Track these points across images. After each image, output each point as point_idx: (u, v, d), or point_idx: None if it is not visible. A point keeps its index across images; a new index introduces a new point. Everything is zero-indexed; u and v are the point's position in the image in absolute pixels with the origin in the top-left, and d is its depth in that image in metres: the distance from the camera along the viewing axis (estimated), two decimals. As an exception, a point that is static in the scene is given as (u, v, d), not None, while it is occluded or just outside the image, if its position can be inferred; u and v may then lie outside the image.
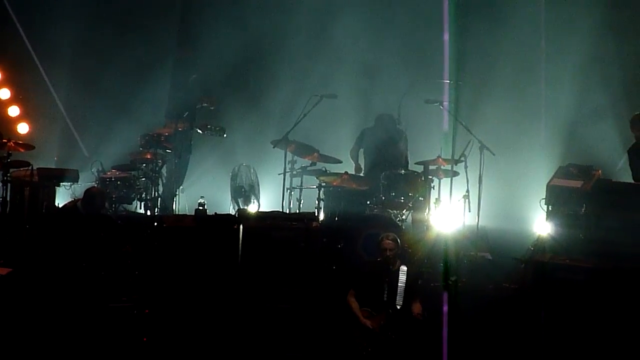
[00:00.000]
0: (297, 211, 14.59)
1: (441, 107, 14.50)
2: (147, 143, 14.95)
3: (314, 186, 14.44)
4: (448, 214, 13.93)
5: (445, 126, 14.40)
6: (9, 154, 14.13)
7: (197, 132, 15.62)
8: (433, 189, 14.12)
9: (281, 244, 12.79)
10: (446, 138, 14.32)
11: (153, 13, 17.75)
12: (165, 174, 15.38)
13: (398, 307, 10.80)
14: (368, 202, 14.20)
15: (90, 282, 11.92)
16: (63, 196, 14.87)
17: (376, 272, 11.03)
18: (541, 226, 13.04)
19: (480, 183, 13.96)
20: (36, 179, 14.24)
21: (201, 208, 14.37)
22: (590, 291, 11.52)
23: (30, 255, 12.77)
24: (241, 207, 15.37)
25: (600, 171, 13.25)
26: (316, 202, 14.26)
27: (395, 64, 17.14)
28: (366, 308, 10.87)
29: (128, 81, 17.40)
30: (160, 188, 15.07)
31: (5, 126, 16.91)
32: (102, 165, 15.02)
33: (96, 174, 14.88)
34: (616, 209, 12.49)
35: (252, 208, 15.46)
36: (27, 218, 13.97)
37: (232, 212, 14.99)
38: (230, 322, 11.54)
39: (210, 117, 15.79)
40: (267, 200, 16.25)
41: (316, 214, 13.89)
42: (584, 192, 12.80)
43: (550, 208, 12.95)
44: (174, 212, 15.33)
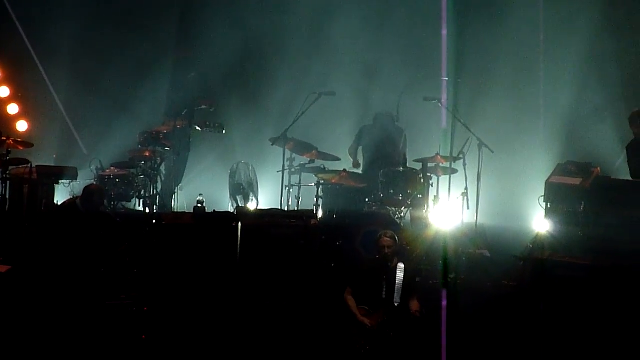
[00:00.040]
0: (296, 209, 14.60)
1: (440, 105, 14.49)
2: (146, 141, 14.96)
3: (313, 184, 14.46)
4: (447, 212, 13.90)
5: (443, 124, 14.40)
6: (8, 152, 14.15)
7: (196, 130, 15.61)
8: (432, 187, 14.15)
9: (280, 242, 12.80)
10: (445, 135, 14.32)
11: (152, 12, 17.76)
12: (164, 172, 15.36)
13: (396, 305, 10.78)
14: (367, 200, 14.22)
15: (89, 280, 11.92)
16: (62, 194, 14.88)
17: (374, 270, 11.00)
18: (540, 223, 13.03)
19: (478, 180, 13.94)
20: (35, 177, 14.26)
21: (200, 206, 14.43)
22: (588, 288, 11.52)
23: (29, 252, 12.75)
24: (240, 205, 15.40)
25: (599, 168, 13.26)
26: (315, 200, 14.28)
27: (393, 62, 17.15)
28: (363, 306, 10.82)
29: (127, 79, 17.44)
30: (159, 186, 15.08)
31: (4, 124, 16.91)
32: (101, 162, 15.04)
33: (95, 172, 14.91)
34: (615, 207, 12.51)
35: (251, 205, 15.47)
36: (26, 215, 13.98)
37: (231, 210, 15.00)
38: (229, 320, 11.52)
39: (209, 115, 15.79)
40: (266, 197, 16.25)
41: (315, 212, 13.92)
42: (583, 190, 12.82)
43: (549, 205, 12.97)
44: (173, 210, 15.34)
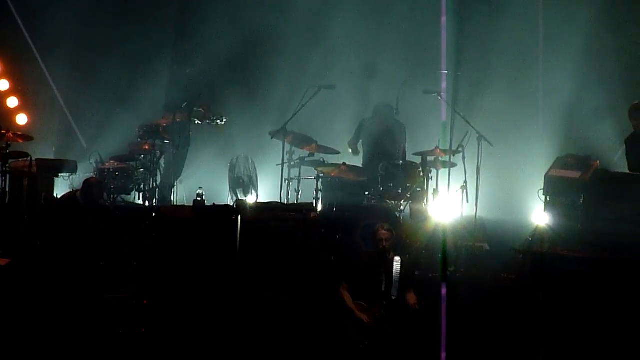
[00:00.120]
0: (296, 202, 14.58)
1: (439, 98, 14.47)
2: (146, 134, 14.94)
3: (312, 177, 14.43)
4: (446, 205, 13.88)
5: (443, 117, 14.40)
6: (8, 145, 14.12)
7: (196, 124, 15.61)
8: (431, 180, 14.12)
9: (279, 235, 12.83)
10: (444, 129, 14.31)
11: (152, 5, 17.73)
12: (163, 165, 15.37)
13: (393, 298, 10.74)
14: (366, 193, 14.20)
15: (88, 273, 11.93)
16: (62, 187, 14.87)
17: (372, 264, 10.96)
18: (539, 217, 13.04)
19: (478, 174, 13.90)
20: (35, 170, 14.24)
21: (199, 199, 14.40)
22: (588, 281, 11.54)
23: (29, 245, 12.77)
24: (239, 198, 15.38)
25: (598, 162, 13.27)
26: (314, 193, 14.23)
27: (393, 55, 17.13)
28: (359, 301, 10.76)
29: (126, 73, 17.43)
30: (158, 179, 15.06)
31: (4, 117, 16.90)
32: (101, 156, 15.02)
33: (94, 165, 14.90)
34: (614, 200, 12.52)
35: (251, 199, 15.46)
36: (26, 209, 13.96)
37: (231, 203, 14.99)
38: (228, 313, 11.53)
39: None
40: (266, 191, 16.25)
41: (314, 205, 13.90)
42: (582, 183, 12.84)
43: (548, 198, 12.99)
44: (172, 203, 15.34)
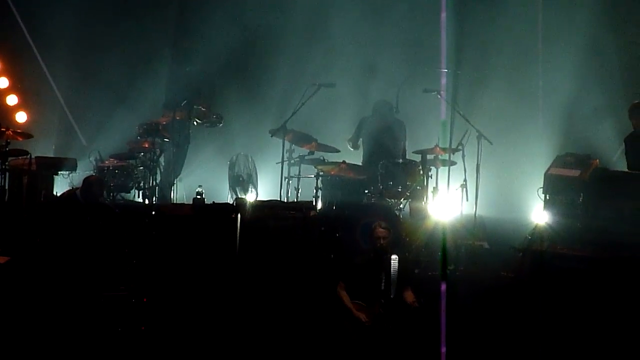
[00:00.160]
0: (295, 200, 14.57)
1: (439, 97, 14.45)
2: (145, 132, 14.95)
3: (312, 175, 14.43)
4: (446, 203, 13.88)
5: (443, 115, 14.39)
6: (8, 143, 14.14)
7: (195, 124, 15.64)
8: (431, 178, 14.12)
9: (279, 233, 12.83)
10: (444, 127, 14.30)
11: (151, 4, 17.74)
12: (163, 163, 15.38)
13: (391, 297, 10.64)
14: (366, 191, 14.19)
15: (88, 271, 11.93)
16: (61, 185, 14.87)
17: (370, 262, 10.89)
18: (539, 215, 13.05)
19: (477, 172, 13.88)
20: (34, 168, 14.26)
21: (199, 197, 14.40)
22: (587, 280, 11.55)
23: (28, 243, 12.78)
24: (239, 196, 15.39)
25: (597, 160, 13.28)
26: (314, 191, 14.22)
27: (393, 54, 17.14)
28: (357, 301, 10.69)
29: (126, 71, 17.42)
30: (158, 177, 15.08)
31: (3, 115, 16.87)
32: (100, 154, 15.03)
33: (94, 163, 14.90)
34: (613, 198, 12.54)
35: (250, 197, 15.46)
36: (26, 206, 13.98)
37: (230, 201, 14.99)
38: (228, 312, 11.53)
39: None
40: (265, 189, 16.25)
41: (314, 203, 13.90)
42: (582, 181, 12.85)
43: (547, 197, 13.00)
44: (172, 201, 15.36)
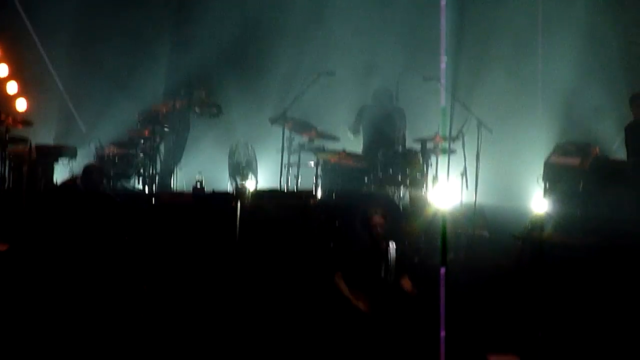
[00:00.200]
0: (295, 188, 14.58)
1: (439, 85, 14.43)
2: (145, 120, 14.95)
3: (312, 163, 14.44)
4: (445, 192, 13.88)
5: (442, 104, 14.39)
6: (7, 131, 14.13)
7: (195, 111, 15.64)
8: (431, 167, 14.12)
9: (279, 221, 12.81)
10: (444, 116, 14.29)
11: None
12: (163, 151, 15.40)
13: (389, 284, 10.65)
14: (366, 180, 14.21)
15: (88, 259, 11.94)
16: (61, 173, 14.88)
17: (367, 251, 10.84)
18: (539, 204, 13.04)
19: (477, 160, 13.88)
20: (34, 156, 14.27)
21: (199, 185, 14.40)
22: (587, 268, 11.56)
23: (28, 231, 12.78)
24: (239, 184, 15.39)
25: (597, 148, 13.31)
26: (314, 179, 14.25)
27: (393, 42, 17.13)
28: (355, 289, 10.62)
29: (126, 58, 17.39)
30: (158, 165, 15.08)
31: (3, 103, 16.84)
32: (100, 142, 15.02)
33: (94, 151, 14.89)
34: (613, 187, 12.56)
35: (250, 185, 15.46)
36: (26, 194, 13.99)
37: (230, 190, 15.01)
38: (228, 299, 11.54)
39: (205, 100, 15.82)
40: (265, 177, 16.23)
41: (314, 191, 13.92)
42: (582, 170, 12.89)
43: (547, 185, 13.03)
44: (172, 189, 15.37)
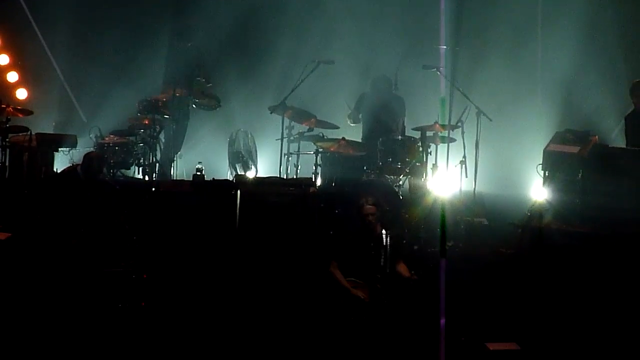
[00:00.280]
0: (295, 177, 14.58)
1: (438, 73, 14.45)
2: (145, 109, 14.96)
3: (312, 152, 14.43)
4: (445, 180, 13.88)
5: (442, 92, 14.39)
6: (8, 119, 14.14)
7: (195, 103, 15.67)
8: (430, 155, 14.11)
9: (278, 210, 12.82)
10: (443, 104, 14.30)
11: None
12: (163, 140, 15.41)
13: (386, 271, 10.49)
14: (365, 168, 14.19)
15: (88, 247, 11.96)
16: (62, 161, 14.90)
17: (361, 239, 10.75)
18: (538, 191, 13.06)
19: (477, 149, 13.89)
20: (35, 145, 14.28)
21: (199, 174, 14.40)
22: (586, 256, 11.58)
23: (29, 220, 12.80)
24: (239, 173, 15.41)
25: (597, 137, 13.29)
26: (313, 168, 14.22)
27: (392, 30, 17.12)
28: (350, 278, 10.55)
29: (126, 47, 17.41)
30: (158, 154, 15.10)
31: (4, 92, 16.85)
32: (100, 130, 15.04)
33: (94, 140, 14.91)
34: (613, 175, 12.55)
35: (250, 174, 15.48)
36: (26, 183, 14.01)
37: (230, 178, 15.01)
38: (227, 287, 11.56)
39: (205, 88, 15.81)
40: (265, 165, 16.26)
41: (313, 180, 13.90)
42: (581, 158, 12.87)
43: (547, 173, 13.03)
44: (172, 178, 15.38)
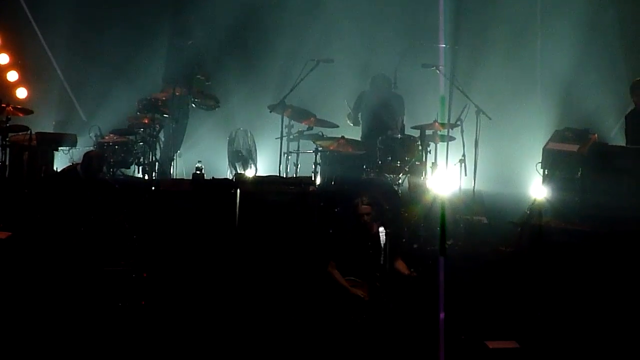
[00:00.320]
0: (294, 175, 14.58)
1: (438, 72, 14.45)
2: (145, 108, 14.96)
3: (311, 151, 14.43)
4: (444, 178, 13.89)
5: (441, 91, 14.40)
6: (8, 119, 14.15)
7: (194, 102, 15.68)
8: (429, 153, 14.10)
9: (278, 208, 12.83)
10: (442, 102, 14.30)
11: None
12: (162, 139, 15.41)
13: (385, 269, 10.41)
14: (365, 167, 14.19)
15: (88, 246, 11.98)
16: (61, 161, 14.91)
17: (358, 239, 10.67)
18: (537, 190, 13.07)
19: (476, 147, 13.90)
20: (35, 144, 14.29)
21: (199, 172, 14.40)
22: (585, 254, 11.59)
23: (29, 219, 12.81)
24: (238, 172, 15.42)
25: (596, 135, 13.31)
26: (313, 167, 14.22)
27: (391, 29, 17.13)
28: (349, 277, 10.48)
29: (126, 46, 17.41)
30: (157, 152, 15.10)
31: (4, 91, 16.87)
32: (100, 129, 15.03)
33: (94, 139, 14.90)
34: (611, 173, 12.56)
35: (250, 172, 15.49)
36: (26, 182, 14.02)
37: (230, 177, 15.02)
38: (227, 286, 11.57)
39: (204, 87, 15.81)
40: (264, 164, 16.27)
41: (313, 179, 13.91)
42: (580, 156, 12.89)
43: (546, 172, 13.04)
44: (172, 177, 15.39)
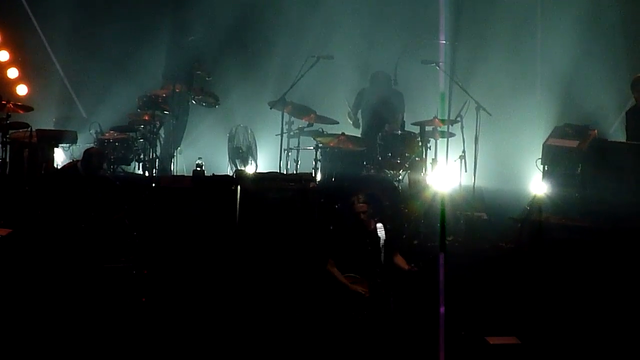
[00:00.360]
0: (295, 172, 14.59)
1: (437, 68, 14.46)
2: (145, 104, 14.98)
3: (311, 147, 14.43)
4: (444, 175, 13.92)
5: (441, 87, 14.41)
6: (8, 116, 14.14)
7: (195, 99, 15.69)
8: (429, 150, 14.12)
9: (278, 205, 12.85)
10: (442, 99, 14.30)
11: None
12: (163, 136, 15.41)
13: (384, 265, 10.37)
14: (365, 163, 14.21)
15: (89, 243, 11.99)
16: (62, 157, 14.92)
17: (356, 237, 10.53)
18: (537, 186, 13.07)
19: (476, 143, 13.93)
20: (35, 141, 14.29)
21: (199, 169, 14.40)
22: (585, 250, 11.59)
23: (29, 215, 12.83)
24: (239, 168, 15.43)
25: (596, 131, 13.30)
26: (313, 163, 14.22)
27: (391, 25, 17.12)
28: (349, 274, 10.37)
29: (126, 42, 17.39)
30: (158, 149, 15.10)
31: (4, 88, 16.86)
32: (101, 126, 15.05)
33: (94, 136, 14.92)
34: (611, 169, 12.56)
35: (250, 169, 15.51)
36: (27, 179, 14.03)
37: (230, 173, 15.03)
38: (228, 282, 11.58)
39: (205, 83, 15.82)
40: (265, 161, 16.29)
41: (313, 175, 13.93)
42: (580, 152, 12.88)
43: (546, 168, 13.03)
44: (172, 173, 15.39)
